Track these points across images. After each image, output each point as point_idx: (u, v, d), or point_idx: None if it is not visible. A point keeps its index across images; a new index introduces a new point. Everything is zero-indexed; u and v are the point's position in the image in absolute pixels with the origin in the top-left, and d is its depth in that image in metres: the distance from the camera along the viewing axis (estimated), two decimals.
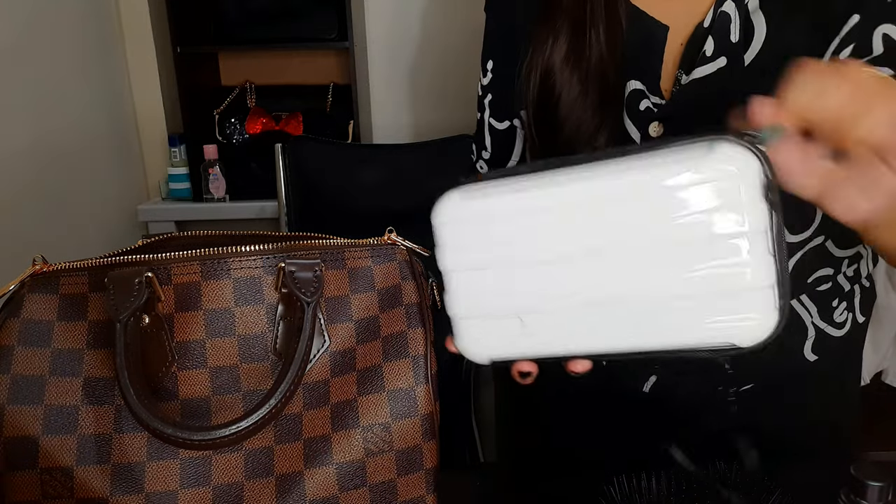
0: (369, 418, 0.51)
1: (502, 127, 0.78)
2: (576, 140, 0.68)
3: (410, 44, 1.89)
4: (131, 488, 0.46)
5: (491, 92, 0.78)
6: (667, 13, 0.67)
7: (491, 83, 0.78)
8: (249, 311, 0.49)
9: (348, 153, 1.50)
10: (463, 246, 0.44)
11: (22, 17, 1.44)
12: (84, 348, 0.47)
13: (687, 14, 0.66)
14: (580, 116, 0.67)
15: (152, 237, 0.52)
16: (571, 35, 0.67)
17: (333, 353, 0.51)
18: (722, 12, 0.63)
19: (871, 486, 0.46)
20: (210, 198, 1.83)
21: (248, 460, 0.48)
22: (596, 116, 0.67)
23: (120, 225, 1.81)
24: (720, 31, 0.63)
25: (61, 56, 1.58)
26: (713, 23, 0.64)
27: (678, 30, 0.67)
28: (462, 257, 0.44)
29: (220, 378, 0.48)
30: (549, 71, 0.68)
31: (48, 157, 1.51)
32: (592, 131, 0.67)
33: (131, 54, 1.86)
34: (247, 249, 0.49)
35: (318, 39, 1.75)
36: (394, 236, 0.53)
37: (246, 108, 1.89)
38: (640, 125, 0.68)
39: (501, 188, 0.43)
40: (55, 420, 0.46)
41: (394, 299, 0.52)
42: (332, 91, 1.88)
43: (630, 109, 0.68)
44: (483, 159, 0.81)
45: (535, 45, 0.69)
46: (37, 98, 1.48)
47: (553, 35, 0.68)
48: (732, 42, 0.63)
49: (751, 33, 0.63)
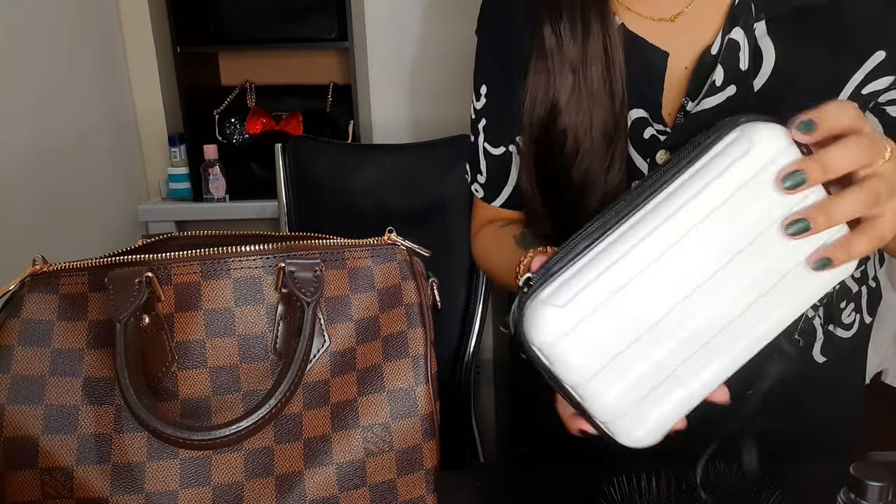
0: (369, 418, 0.51)
1: (498, 152, 0.77)
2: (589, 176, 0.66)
3: (410, 44, 1.89)
4: (131, 488, 0.46)
5: (485, 117, 0.77)
6: (668, 39, 0.65)
7: (485, 108, 0.77)
8: (249, 311, 0.49)
9: (348, 153, 1.50)
10: (581, 355, 0.42)
11: (22, 17, 1.44)
12: (84, 348, 0.47)
13: (690, 39, 0.65)
14: (590, 151, 0.66)
15: (152, 237, 0.52)
16: (572, 76, 0.66)
17: (333, 353, 0.51)
18: (731, 40, 0.62)
19: (871, 486, 0.46)
20: (210, 198, 1.83)
21: (248, 460, 0.48)
22: (607, 150, 0.66)
23: (120, 225, 1.81)
24: (729, 59, 0.62)
25: (61, 56, 1.58)
26: (721, 51, 0.62)
27: (681, 55, 0.65)
28: (585, 365, 0.42)
29: (220, 378, 0.48)
30: (553, 113, 0.67)
31: (48, 156, 1.51)
32: (605, 165, 0.66)
33: (131, 54, 1.86)
34: (247, 249, 0.49)
35: (318, 39, 1.75)
36: (394, 236, 0.53)
37: (246, 108, 1.89)
38: (645, 154, 0.67)
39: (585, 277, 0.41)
40: (55, 420, 0.46)
41: (394, 299, 0.52)
42: (332, 91, 1.87)
43: (634, 138, 0.67)
44: (478, 182, 0.80)
45: (533, 87, 0.68)
46: (37, 98, 1.48)
47: (553, 77, 0.66)
48: (742, 70, 0.62)
49: (759, 60, 0.62)
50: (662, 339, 0.42)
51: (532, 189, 0.72)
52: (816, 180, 0.40)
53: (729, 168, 0.41)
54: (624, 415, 0.43)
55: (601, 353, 0.42)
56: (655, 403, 0.43)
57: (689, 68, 0.65)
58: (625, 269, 0.41)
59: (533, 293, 0.43)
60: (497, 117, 0.76)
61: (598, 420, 0.44)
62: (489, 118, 0.77)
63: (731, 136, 0.42)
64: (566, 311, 0.41)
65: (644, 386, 0.42)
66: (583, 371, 0.42)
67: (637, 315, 0.41)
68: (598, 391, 0.42)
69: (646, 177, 0.45)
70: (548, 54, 0.66)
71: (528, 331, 0.42)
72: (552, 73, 0.66)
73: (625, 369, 0.42)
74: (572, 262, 0.43)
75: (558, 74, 0.66)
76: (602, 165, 0.66)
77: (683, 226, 0.41)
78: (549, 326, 0.41)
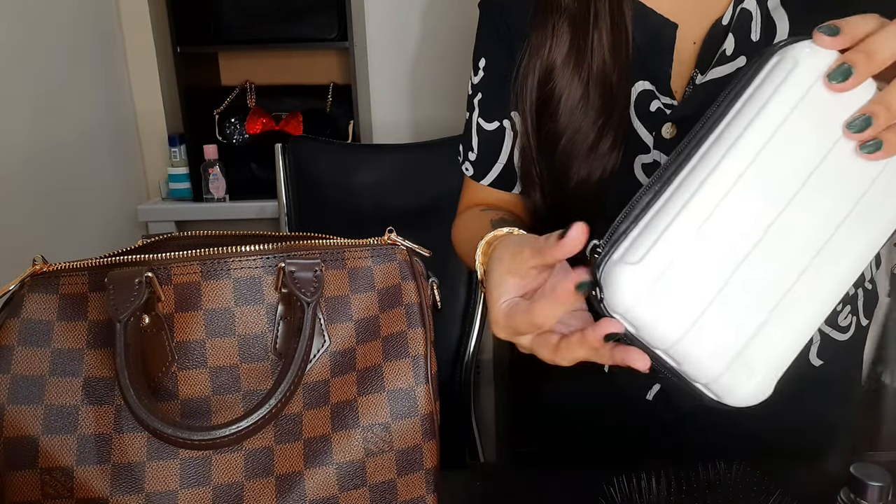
0: (369, 418, 0.51)
1: (491, 128, 0.76)
2: (576, 145, 0.66)
3: (410, 44, 1.89)
4: (131, 488, 0.46)
5: (482, 91, 0.76)
6: (676, 11, 0.64)
7: (482, 82, 0.76)
8: (249, 311, 0.49)
9: (348, 153, 1.50)
10: (665, 313, 0.39)
11: (22, 17, 1.44)
12: (84, 348, 0.47)
13: (699, 11, 0.64)
14: (581, 121, 0.65)
15: (152, 237, 0.52)
16: (572, 35, 0.65)
17: (333, 353, 0.51)
18: (743, 9, 0.61)
19: (871, 486, 0.47)
20: (210, 198, 1.83)
21: (248, 460, 0.48)
22: (599, 120, 0.65)
23: (120, 225, 1.81)
24: (741, 29, 0.61)
25: (61, 56, 1.58)
26: (733, 20, 0.62)
27: (690, 28, 0.64)
28: (673, 324, 0.39)
29: (220, 378, 0.48)
30: (549, 73, 0.66)
31: (48, 157, 1.51)
32: (595, 136, 0.65)
33: (131, 54, 1.86)
34: (247, 249, 0.49)
35: (318, 39, 1.75)
36: (394, 236, 0.53)
37: (246, 108, 1.89)
38: (651, 127, 0.65)
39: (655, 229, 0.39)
40: (55, 420, 0.46)
41: (394, 299, 0.52)
42: (332, 91, 1.88)
43: (639, 111, 0.66)
44: (469, 160, 0.79)
45: (534, 46, 0.67)
46: (37, 98, 1.48)
47: (553, 35, 0.65)
48: (753, 41, 0.61)
49: (771, 31, 0.61)
50: (752, 280, 0.38)
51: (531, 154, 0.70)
52: (864, 71, 0.39)
53: (778, 89, 0.39)
54: (725, 371, 0.39)
55: (687, 308, 0.38)
56: (758, 352, 0.39)
57: (696, 43, 0.64)
58: (695, 212, 0.38)
59: (604, 257, 0.40)
60: (494, 90, 0.75)
61: (699, 384, 0.41)
62: (485, 92, 0.76)
63: (772, 62, 0.41)
64: (642, 267, 0.38)
65: (742, 335, 0.39)
66: (671, 331, 0.38)
67: (719, 258, 0.38)
68: (692, 350, 0.39)
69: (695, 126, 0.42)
70: (550, 10, 0.65)
71: (610, 298, 0.39)
72: (552, 29, 0.65)
73: (717, 321, 0.38)
74: (638, 217, 0.40)
75: (558, 31, 0.65)
76: (594, 129, 0.64)
77: (746, 156, 0.39)
78: (626, 287, 0.38)
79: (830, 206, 0.40)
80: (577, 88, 0.65)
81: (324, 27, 1.74)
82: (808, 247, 0.39)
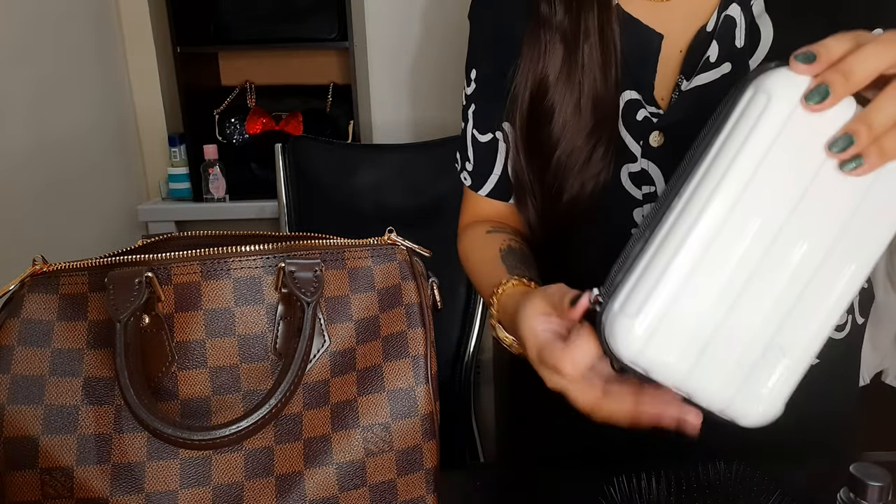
0: (369, 418, 0.51)
1: (485, 139, 0.76)
2: (570, 159, 0.66)
3: (410, 44, 1.89)
4: (131, 488, 0.46)
5: (475, 102, 0.77)
6: (663, 21, 0.65)
7: (475, 93, 0.76)
8: (249, 311, 0.49)
9: (348, 153, 1.50)
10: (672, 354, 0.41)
11: (22, 17, 1.44)
12: (84, 348, 0.47)
13: (685, 21, 0.65)
14: (574, 134, 0.66)
15: (152, 237, 0.52)
16: (564, 48, 0.65)
17: (333, 353, 0.51)
18: (727, 16, 0.62)
19: (871, 486, 0.47)
20: (210, 198, 1.83)
21: (248, 460, 0.48)
22: (591, 134, 0.65)
23: (120, 225, 1.81)
24: (725, 36, 0.62)
25: (61, 56, 1.58)
26: (717, 27, 0.62)
27: (676, 37, 0.65)
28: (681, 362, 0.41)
29: (220, 378, 0.48)
30: (541, 88, 0.66)
31: (48, 156, 1.51)
32: (590, 147, 0.66)
33: (131, 54, 1.86)
34: (247, 249, 0.49)
35: (317, 39, 1.75)
36: (394, 236, 0.53)
37: (246, 108, 1.89)
38: (637, 136, 0.66)
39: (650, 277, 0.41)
40: (55, 420, 0.46)
41: (394, 299, 0.52)
42: (332, 91, 1.87)
43: (626, 120, 0.66)
44: (467, 170, 0.80)
45: (526, 60, 0.67)
46: (37, 98, 1.48)
47: (545, 49, 0.66)
48: (738, 47, 0.62)
49: (756, 38, 0.62)
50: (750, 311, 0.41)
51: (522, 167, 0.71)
52: (840, 91, 0.39)
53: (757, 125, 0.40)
54: (735, 397, 0.42)
55: (690, 347, 0.41)
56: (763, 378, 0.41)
57: (682, 51, 0.65)
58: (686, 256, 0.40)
59: (605, 310, 0.42)
60: (486, 102, 0.75)
61: (713, 410, 0.43)
62: (478, 103, 0.76)
63: (747, 95, 0.41)
64: (642, 317, 0.40)
65: (746, 365, 0.41)
66: (680, 368, 0.41)
67: (715, 297, 0.40)
68: (702, 383, 0.41)
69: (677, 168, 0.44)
70: (541, 26, 0.66)
71: (614, 348, 0.42)
72: (544, 44, 0.66)
73: (720, 355, 0.41)
74: (632, 266, 0.42)
75: (550, 46, 0.66)
76: (588, 144, 0.65)
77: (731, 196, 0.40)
78: (630, 337, 0.41)
79: (821, 231, 0.41)
80: (569, 103, 0.66)
81: (324, 27, 1.74)
82: (803, 272, 0.41)
